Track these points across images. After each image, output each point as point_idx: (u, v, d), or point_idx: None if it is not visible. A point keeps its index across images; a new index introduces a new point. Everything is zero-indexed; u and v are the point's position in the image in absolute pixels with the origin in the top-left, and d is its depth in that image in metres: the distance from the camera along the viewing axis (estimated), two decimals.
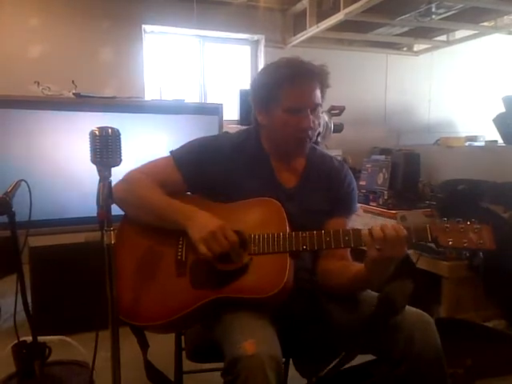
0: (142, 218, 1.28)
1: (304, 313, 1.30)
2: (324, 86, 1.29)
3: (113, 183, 1.09)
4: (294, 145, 1.30)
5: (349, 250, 1.33)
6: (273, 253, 1.15)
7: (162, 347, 1.42)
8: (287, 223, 1.20)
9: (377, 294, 1.24)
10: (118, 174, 1.18)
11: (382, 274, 1.13)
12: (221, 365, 1.06)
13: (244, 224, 1.20)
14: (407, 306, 1.20)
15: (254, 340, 1.01)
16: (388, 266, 1.11)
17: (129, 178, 1.31)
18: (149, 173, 1.31)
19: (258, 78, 1.33)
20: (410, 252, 2.38)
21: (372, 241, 1.08)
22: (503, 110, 3.52)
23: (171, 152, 1.35)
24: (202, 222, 1.17)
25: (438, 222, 1.10)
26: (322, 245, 1.16)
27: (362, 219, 3.00)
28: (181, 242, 1.24)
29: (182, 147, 1.36)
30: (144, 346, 1.24)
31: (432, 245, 2.34)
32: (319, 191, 1.35)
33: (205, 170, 1.29)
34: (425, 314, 1.19)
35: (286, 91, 1.24)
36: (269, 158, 1.35)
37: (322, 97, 1.30)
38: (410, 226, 1.10)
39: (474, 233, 1.08)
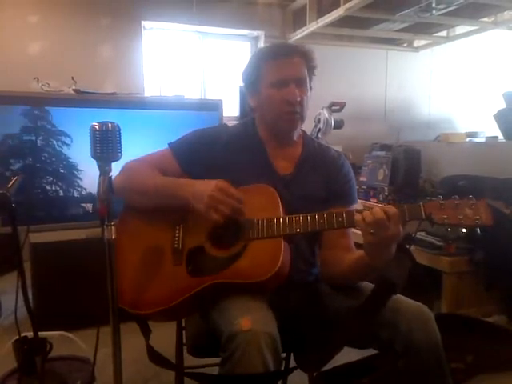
0: (144, 202, 1.30)
1: (302, 304, 1.30)
2: (310, 63, 1.32)
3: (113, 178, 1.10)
4: (283, 121, 1.32)
5: (352, 240, 1.32)
6: (267, 237, 1.16)
7: (164, 342, 1.42)
8: (281, 208, 1.21)
9: None
10: (118, 169, 1.19)
11: (381, 256, 1.10)
12: None
13: None
14: (406, 299, 1.19)
15: (251, 317, 1.02)
16: (386, 248, 1.09)
17: (127, 168, 1.34)
18: (146, 163, 1.35)
19: (245, 65, 1.37)
20: (412, 248, 2.37)
21: (365, 225, 1.07)
22: (504, 105, 3.51)
23: (169, 144, 1.39)
24: (201, 187, 1.18)
25: (432, 200, 1.08)
26: (316, 227, 1.15)
27: None
28: (177, 231, 1.26)
29: (179, 138, 1.39)
30: (146, 331, 1.25)
31: (433, 240, 2.36)
32: (315, 179, 1.36)
33: (201, 159, 1.32)
34: (424, 306, 1.18)
35: (268, 66, 1.29)
36: (265, 145, 1.37)
37: (310, 76, 1.33)
38: (404, 205, 1.09)
39: (471, 209, 1.05)
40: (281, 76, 1.27)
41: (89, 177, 2.37)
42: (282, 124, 1.33)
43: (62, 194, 2.40)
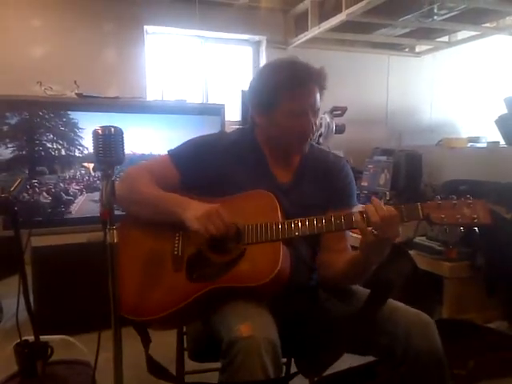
0: (141, 214, 1.31)
1: (303, 308, 1.30)
2: (322, 89, 1.30)
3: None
4: (294, 146, 1.32)
5: (349, 243, 1.33)
6: (266, 241, 1.17)
7: (164, 348, 1.42)
8: (280, 213, 1.21)
9: None
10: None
11: (378, 256, 1.12)
12: None
13: (238, 216, 1.22)
14: (405, 306, 1.20)
15: (251, 323, 1.02)
16: (383, 248, 1.10)
17: (127, 176, 1.34)
18: (146, 170, 1.35)
19: (255, 82, 1.33)
20: (411, 252, 2.38)
21: (365, 224, 1.07)
22: (505, 111, 3.51)
23: (169, 151, 1.39)
24: (198, 205, 1.20)
25: (430, 201, 1.08)
26: (314, 230, 1.15)
27: None
28: (177, 238, 1.26)
29: (178, 146, 1.40)
30: (146, 341, 1.25)
31: (434, 245, 2.36)
32: (315, 186, 1.35)
33: (200, 166, 1.32)
34: (423, 313, 1.18)
35: (286, 94, 1.24)
36: (264, 153, 1.37)
37: (321, 99, 1.31)
38: (401, 205, 1.09)
39: (469, 208, 1.05)
40: (299, 107, 1.25)
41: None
42: (291, 147, 1.33)
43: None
